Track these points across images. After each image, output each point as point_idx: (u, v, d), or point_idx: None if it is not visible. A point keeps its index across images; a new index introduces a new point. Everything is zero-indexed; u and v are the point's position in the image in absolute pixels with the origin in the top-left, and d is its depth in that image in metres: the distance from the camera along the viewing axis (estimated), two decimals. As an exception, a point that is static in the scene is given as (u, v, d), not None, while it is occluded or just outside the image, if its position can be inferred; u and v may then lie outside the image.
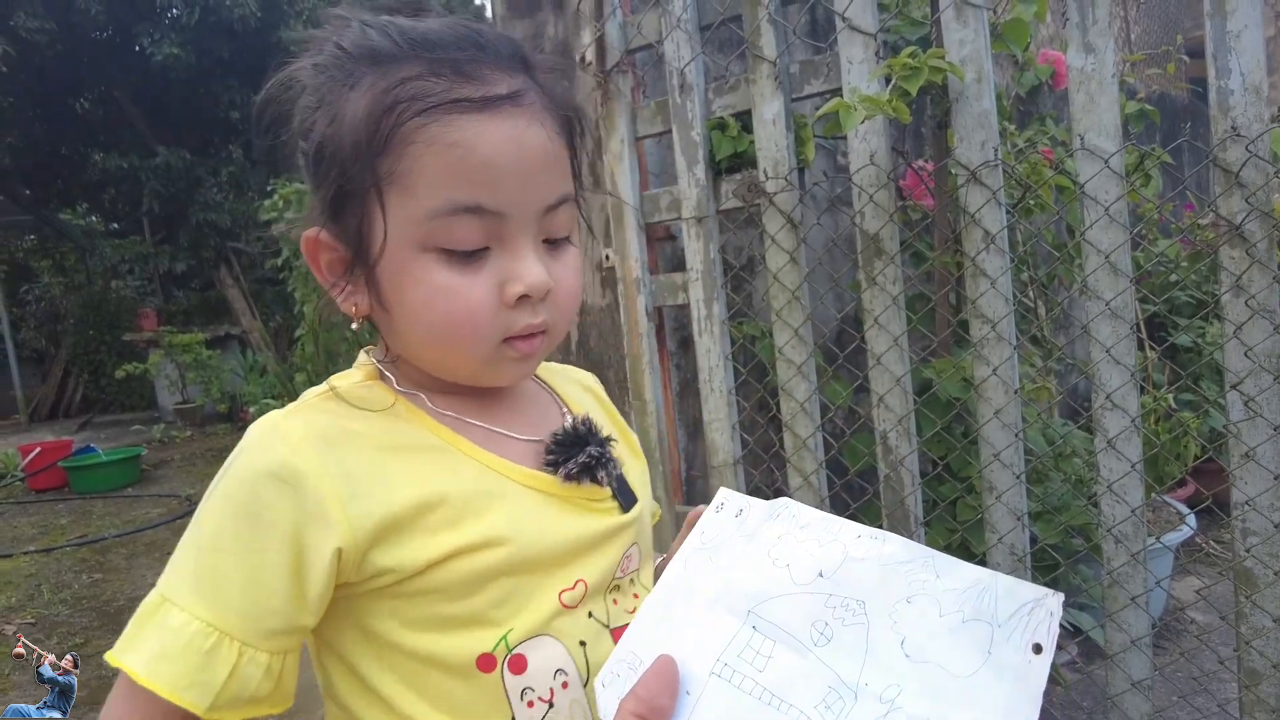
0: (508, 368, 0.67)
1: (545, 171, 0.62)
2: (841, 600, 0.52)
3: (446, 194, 0.59)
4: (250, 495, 0.61)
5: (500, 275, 0.62)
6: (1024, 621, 0.48)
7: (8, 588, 4.45)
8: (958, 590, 0.50)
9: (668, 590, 0.59)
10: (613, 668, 0.56)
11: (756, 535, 0.58)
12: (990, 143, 1.43)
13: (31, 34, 8.73)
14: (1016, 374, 1.49)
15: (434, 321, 0.62)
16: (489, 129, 0.59)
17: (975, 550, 1.64)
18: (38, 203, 12.31)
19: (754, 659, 0.52)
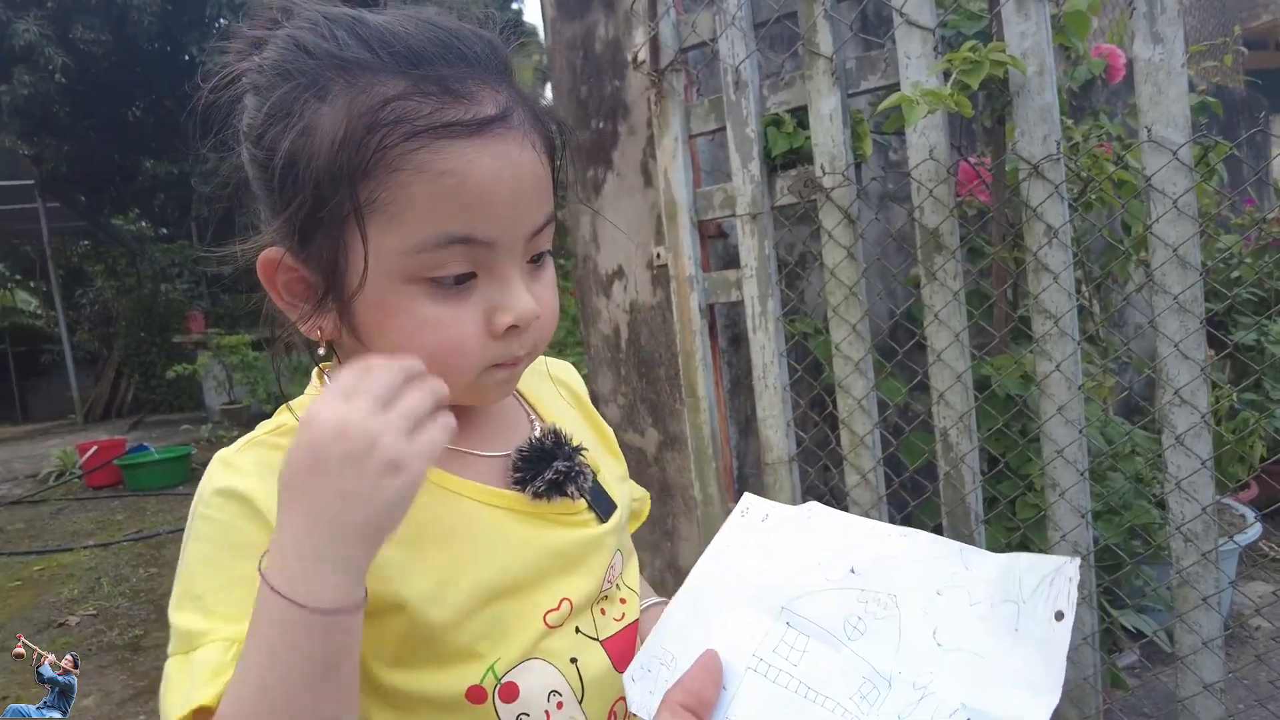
0: (492, 391, 0.65)
1: (535, 195, 0.60)
2: (874, 595, 0.54)
3: (438, 226, 0.56)
4: (220, 525, 0.59)
5: (487, 304, 0.59)
6: (1045, 592, 0.51)
7: (70, 580, 4.60)
8: (988, 579, 0.52)
9: (695, 589, 0.61)
10: (643, 662, 0.57)
11: (787, 536, 0.61)
12: (1053, 136, 1.42)
13: (88, 45, 9.00)
14: (1079, 369, 1.47)
15: (418, 354, 0.58)
16: (482, 156, 0.55)
17: (1036, 549, 1.62)
18: (92, 209, 12.69)
19: (789, 654, 0.54)
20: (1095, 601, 1.50)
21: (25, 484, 7.73)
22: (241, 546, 0.58)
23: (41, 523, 6.13)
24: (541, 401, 0.78)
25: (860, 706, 0.51)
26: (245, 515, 0.59)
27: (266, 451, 0.62)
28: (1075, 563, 0.50)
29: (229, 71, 0.60)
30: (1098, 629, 1.51)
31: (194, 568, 0.59)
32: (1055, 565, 0.51)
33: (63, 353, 12.47)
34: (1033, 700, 0.48)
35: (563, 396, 0.82)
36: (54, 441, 9.69)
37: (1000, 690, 0.49)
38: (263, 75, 0.58)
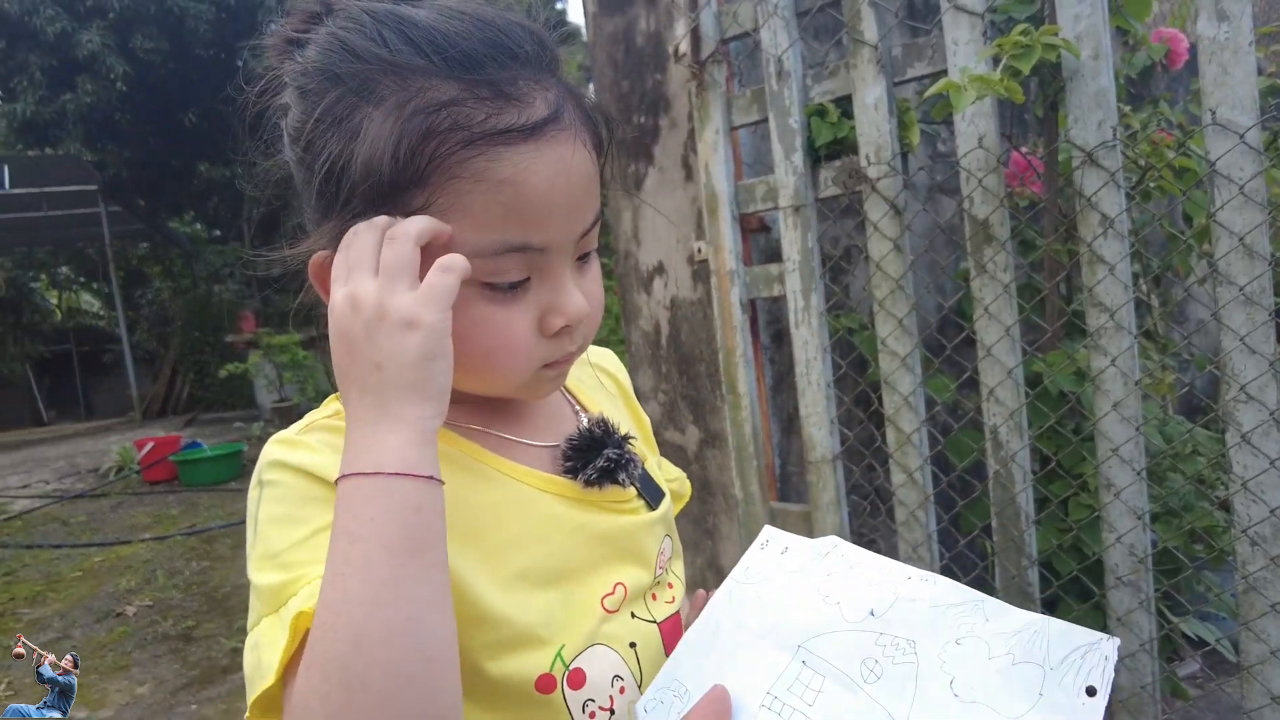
0: (543, 387, 0.65)
1: (586, 197, 0.60)
2: (892, 639, 0.53)
3: (494, 234, 0.55)
4: (291, 488, 0.57)
5: (540, 306, 0.60)
6: (1077, 665, 0.49)
7: (128, 572, 4.74)
8: (1007, 634, 0.51)
9: (713, 621, 0.60)
10: (656, 694, 0.56)
11: (805, 572, 0.60)
12: (1109, 122, 1.36)
13: (147, 54, 9.29)
14: (1136, 365, 1.41)
15: (473, 353, 0.59)
16: (538, 163, 0.55)
17: (1089, 551, 1.56)
18: (150, 212, 13.10)
19: (804, 693, 0.53)
20: (1153, 607, 1.44)
21: (88, 479, 8.00)
22: (317, 501, 0.57)
23: (102, 516, 6.34)
24: (584, 390, 0.78)
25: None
26: (315, 483, 0.58)
27: (327, 434, 0.61)
28: (1114, 643, 0.49)
29: (273, 75, 0.60)
30: (1156, 636, 1.45)
31: (268, 530, 0.57)
32: (1090, 640, 0.49)
33: (123, 352, 12.88)
34: None
35: (605, 385, 0.82)
36: (114, 438, 10.01)
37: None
38: (308, 78, 0.57)
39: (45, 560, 5.13)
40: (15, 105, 9.74)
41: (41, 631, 3.91)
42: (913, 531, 1.66)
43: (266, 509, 0.58)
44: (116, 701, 3.13)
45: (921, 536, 1.65)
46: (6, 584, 4.71)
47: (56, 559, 5.14)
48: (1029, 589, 1.54)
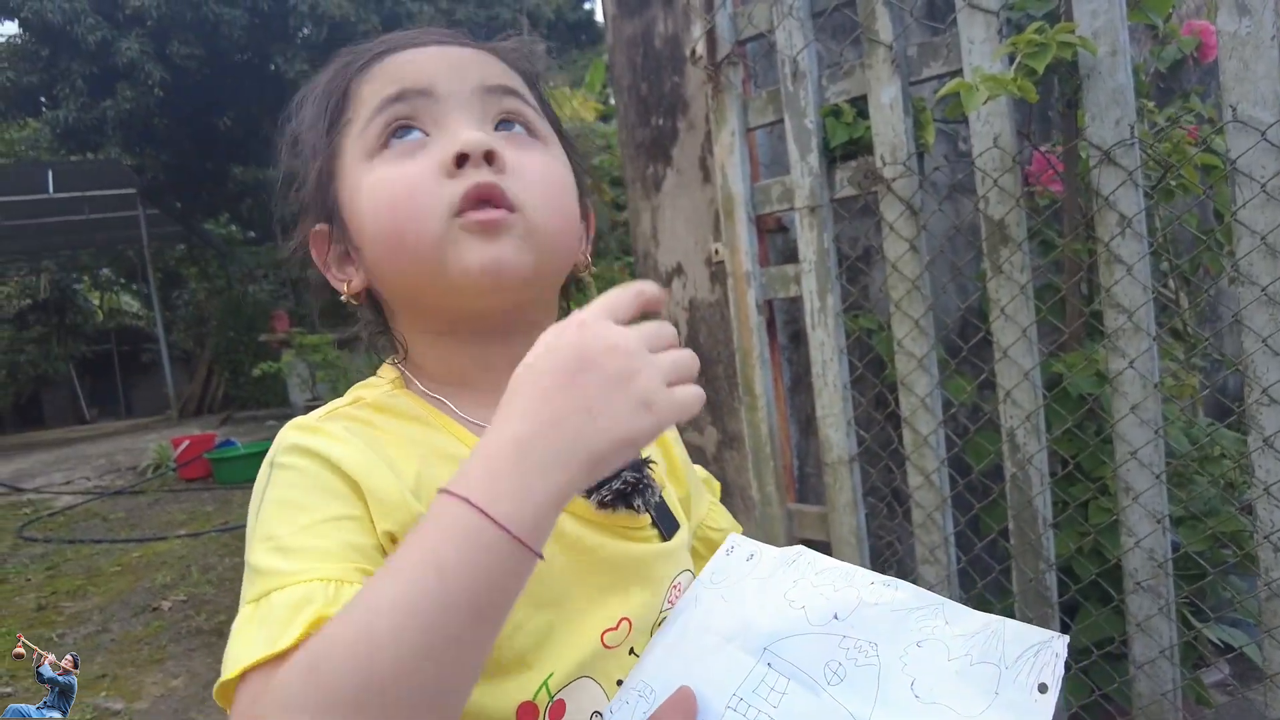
0: (467, 248, 0.58)
1: (477, 63, 0.64)
2: (855, 642, 0.55)
3: (377, 102, 0.62)
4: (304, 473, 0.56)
5: (440, 153, 0.59)
6: (1030, 663, 0.51)
7: (164, 567, 4.85)
8: (966, 635, 0.52)
9: (680, 625, 0.61)
10: (623, 696, 0.57)
11: (772, 578, 0.61)
12: (1126, 120, 1.34)
13: (184, 60, 9.47)
14: (1156, 367, 1.39)
15: (380, 215, 0.60)
16: (411, 51, 0.64)
17: (1109, 555, 1.54)
18: (186, 215, 13.36)
19: (769, 695, 0.54)
20: (1173, 613, 1.42)
21: (126, 475, 8.19)
22: (329, 491, 0.55)
23: (140, 512, 6.49)
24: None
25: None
26: (330, 471, 0.55)
27: (351, 423, 0.60)
28: (1063, 640, 0.51)
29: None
30: (1177, 642, 1.43)
31: (271, 511, 0.55)
32: (1042, 638, 0.51)
33: (160, 351, 13.16)
34: None
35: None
36: (152, 436, 10.24)
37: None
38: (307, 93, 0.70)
39: (86, 555, 5.27)
40: (58, 112, 9.98)
41: (82, 625, 4.01)
42: (930, 534, 1.65)
43: (274, 492, 0.56)
44: (152, 694, 3.21)
45: (939, 539, 1.64)
46: (50, 578, 4.84)
47: (96, 554, 5.28)
48: (1047, 593, 1.53)
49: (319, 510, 0.54)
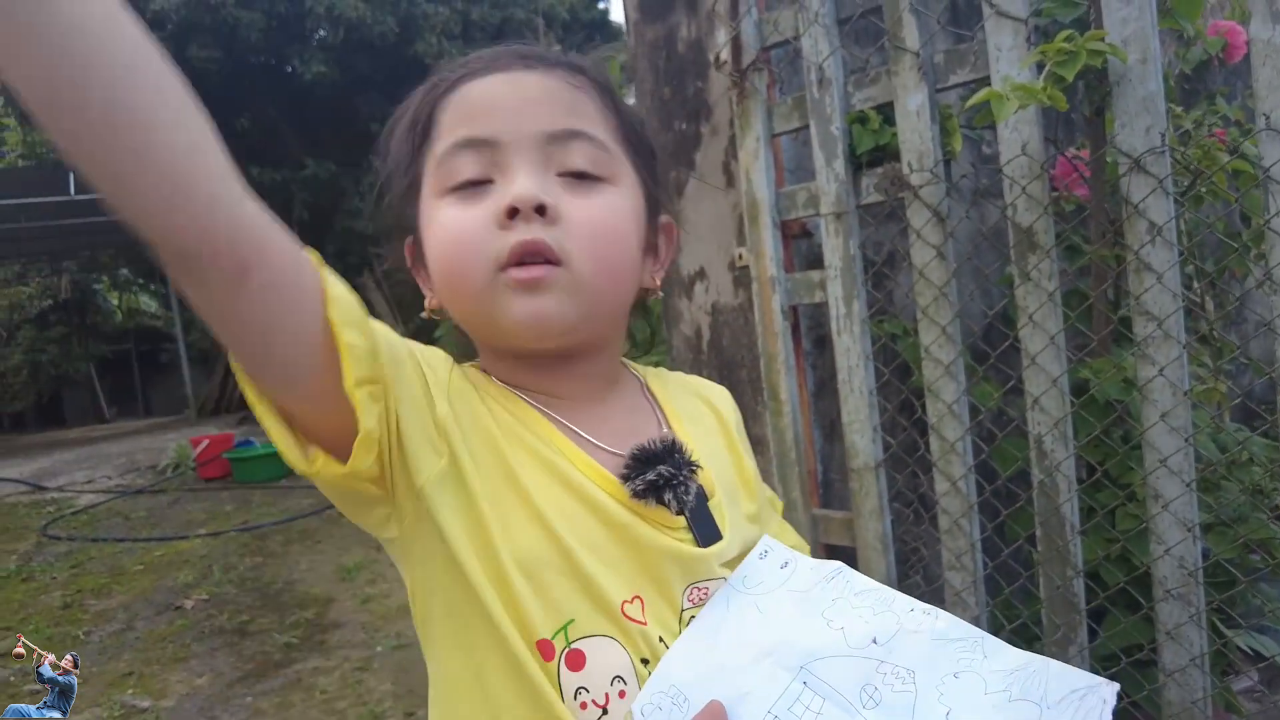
0: (510, 301, 0.62)
1: (547, 103, 0.65)
2: (892, 668, 0.55)
3: (449, 137, 0.65)
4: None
5: (494, 204, 0.62)
6: (1074, 706, 0.50)
7: (185, 566, 4.90)
8: (1005, 671, 0.52)
9: (711, 628, 0.60)
10: (652, 699, 0.57)
11: (809, 593, 0.60)
12: (1156, 128, 1.34)
13: (203, 63, 9.56)
14: (1186, 374, 1.39)
15: (441, 257, 0.65)
16: (489, 79, 0.65)
17: (1138, 562, 1.54)
18: (204, 215, 13.44)
19: (803, 713, 0.54)
20: (1204, 621, 1.41)
21: (146, 475, 8.28)
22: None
23: (160, 511, 6.56)
24: (678, 416, 0.77)
25: None
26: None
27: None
28: (1114, 687, 0.50)
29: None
30: (1207, 649, 1.42)
31: None
32: (1089, 683, 0.50)
33: (178, 352, 13.28)
34: None
35: (703, 417, 0.81)
36: (171, 436, 10.34)
37: None
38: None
39: (109, 553, 5.33)
40: (78, 114, 10.07)
41: (107, 623, 4.07)
42: (956, 540, 1.65)
43: None
44: (178, 692, 3.25)
45: (965, 545, 1.64)
46: (74, 575, 4.91)
47: (120, 552, 5.35)
48: (1074, 599, 1.53)
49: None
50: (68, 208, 11.44)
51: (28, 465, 9.56)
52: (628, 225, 0.68)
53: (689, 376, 0.85)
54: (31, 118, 0.43)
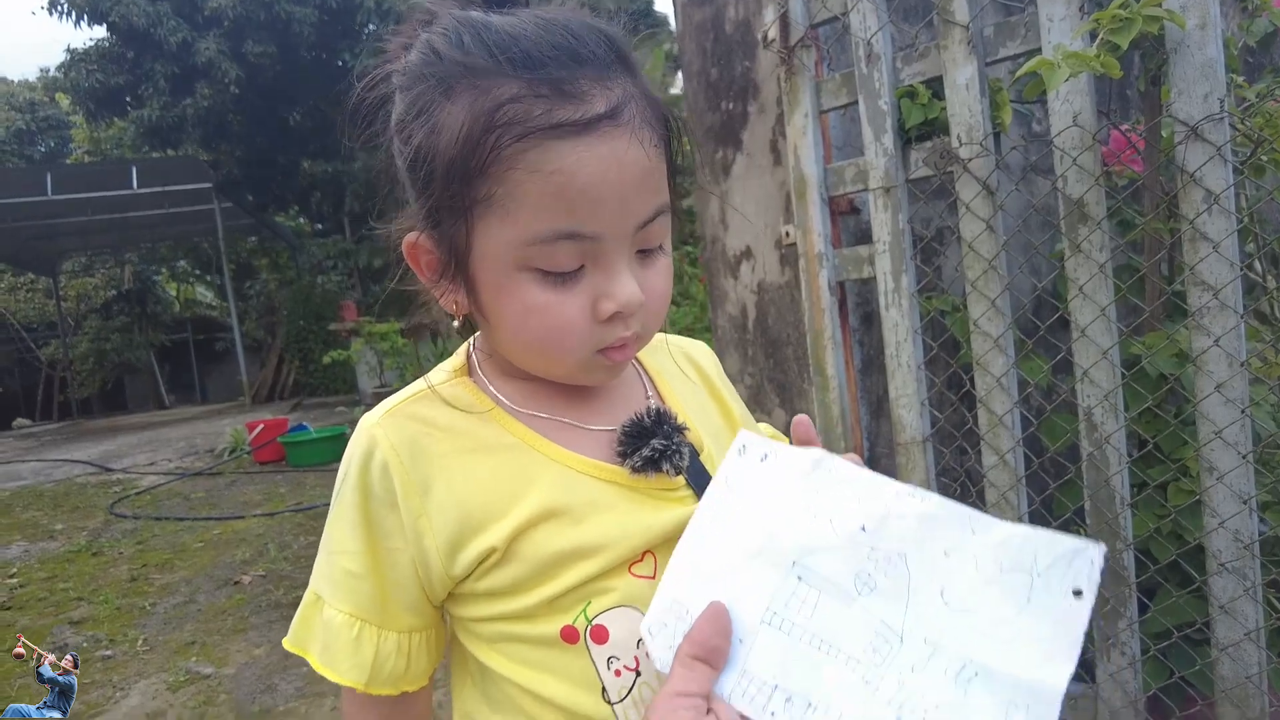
0: (599, 374, 0.69)
1: (642, 190, 0.62)
2: (884, 553, 0.55)
3: (546, 222, 0.59)
4: (365, 507, 0.69)
5: (594, 292, 0.63)
6: (1064, 570, 0.50)
7: (243, 545, 5.07)
8: (994, 544, 0.53)
9: (701, 537, 0.61)
10: (659, 617, 0.58)
11: (794, 487, 0.60)
12: (1215, 94, 1.32)
13: (258, 58, 9.81)
14: (1243, 345, 1.37)
15: (529, 336, 0.64)
16: (589, 155, 0.58)
17: (1189, 537, 1.52)
18: (258, 208, 13.82)
19: (801, 608, 0.55)
20: (1259, 595, 1.40)
21: (204, 458, 8.56)
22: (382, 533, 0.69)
23: (218, 492, 6.78)
24: (662, 376, 0.81)
25: (873, 659, 0.53)
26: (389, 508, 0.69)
27: (405, 424, 0.70)
28: (1100, 547, 0.50)
29: (379, 72, 0.66)
30: (1264, 625, 1.41)
31: (344, 538, 0.70)
32: (1075, 546, 0.51)
33: (233, 340, 13.65)
34: (1045, 665, 0.49)
35: (688, 374, 0.84)
36: (227, 421, 10.65)
37: (1010, 652, 0.50)
38: (405, 76, 0.64)
39: (171, 531, 5.54)
40: (142, 111, 10.44)
41: (170, 596, 4.24)
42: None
43: (338, 511, 0.73)
44: (237, 661, 3.38)
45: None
46: (139, 551, 5.12)
47: (181, 530, 5.55)
48: (1124, 572, 1.52)
49: (367, 558, 0.69)
50: (130, 201, 11.87)
51: (95, 448, 9.95)
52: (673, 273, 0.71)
53: (671, 336, 0.88)
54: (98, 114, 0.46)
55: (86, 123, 13.14)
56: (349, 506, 0.69)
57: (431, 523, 0.67)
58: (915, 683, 0.51)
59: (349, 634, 0.69)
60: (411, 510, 0.67)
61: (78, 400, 16.22)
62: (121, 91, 10.68)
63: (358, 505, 0.69)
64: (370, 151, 0.70)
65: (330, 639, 0.69)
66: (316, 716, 2.88)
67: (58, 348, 16.16)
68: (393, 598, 0.69)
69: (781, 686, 0.53)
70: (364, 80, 0.67)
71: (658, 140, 0.63)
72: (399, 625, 0.70)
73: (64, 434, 12.37)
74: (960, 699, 0.50)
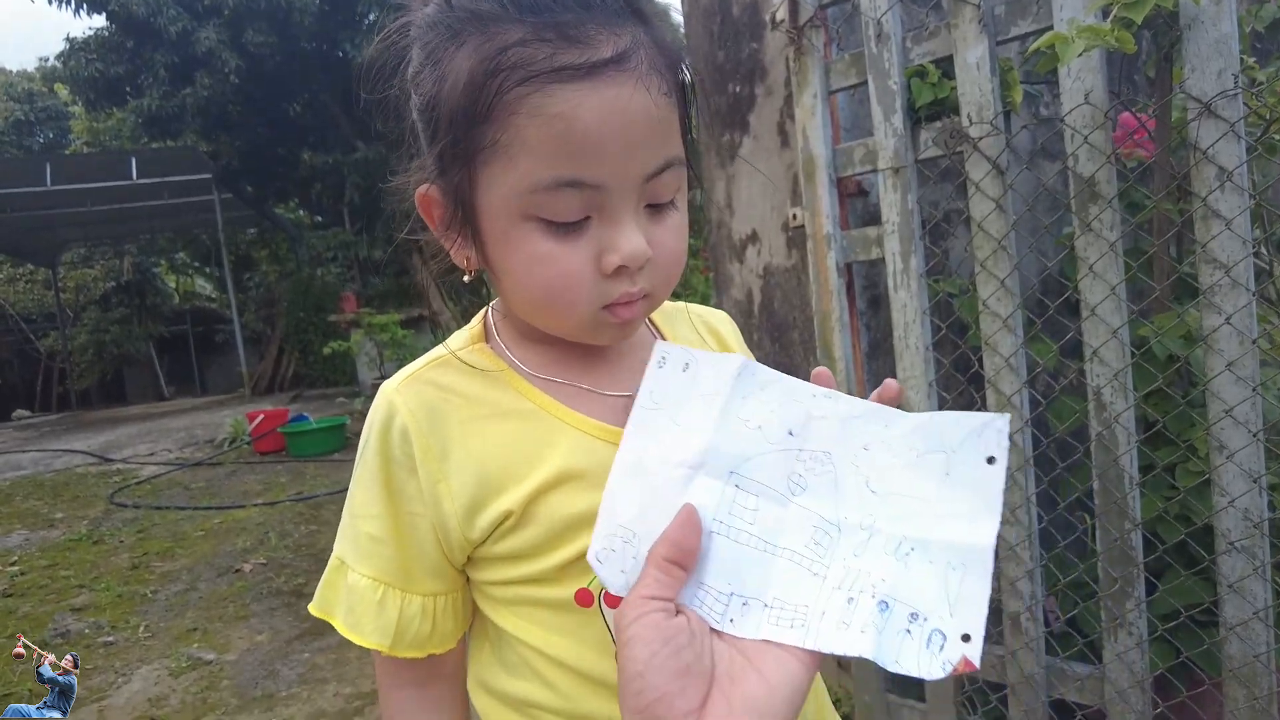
0: (607, 332, 0.67)
1: (649, 139, 0.60)
2: (810, 453, 0.59)
3: (548, 168, 0.58)
4: (385, 472, 0.69)
5: (599, 245, 0.61)
6: (975, 443, 0.55)
7: (243, 533, 5.07)
8: (908, 432, 0.58)
9: (634, 455, 0.61)
10: (605, 543, 0.59)
11: (719, 396, 0.61)
12: (1229, 70, 1.32)
13: (258, 48, 9.77)
14: (1255, 323, 1.36)
15: (533, 287, 0.63)
16: (591, 99, 0.56)
17: (1197, 518, 1.52)
18: (258, 199, 13.78)
19: (743, 514, 0.58)
20: (1268, 573, 1.40)
21: (204, 448, 8.56)
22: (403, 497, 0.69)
23: (219, 482, 6.78)
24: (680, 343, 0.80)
25: (816, 552, 0.56)
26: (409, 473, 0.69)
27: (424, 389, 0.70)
28: (1005, 417, 0.55)
29: (397, 24, 0.65)
30: (1271, 604, 1.41)
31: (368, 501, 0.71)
32: (984, 420, 0.56)
33: (233, 332, 13.64)
34: (972, 527, 0.53)
35: (707, 342, 0.84)
36: (227, 412, 10.65)
37: (939, 523, 0.54)
38: (419, 28, 0.63)
39: (172, 520, 5.54)
40: (142, 101, 10.39)
41: (172, 583, 4.24)
42: (1011, 494, 1.65)
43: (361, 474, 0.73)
44: (239, 647, 3.38)
45: (1020, 499, 1.64)
46: (140, 540, 5.12)
47: (181, 519, 5.55)
48: (1132, 552, 1.52)
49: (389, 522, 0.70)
50: (130, 192, 11.83)
51: (95, 439, 9.94)
52: (688, 232, 0.70)
53: (691, 305, 0.88)
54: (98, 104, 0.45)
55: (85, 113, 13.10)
56: (370, 471, 0.70)
57: (450, 487, 0.67)
58: (859, 564, 0.55)
59: (373, 597, 0.69)
60: (430, 475, 0.67)
61: (77, 392, 16.21)
62: (121, 81, 10.64)
63: (378, 470, 0.69)
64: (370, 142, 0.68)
65: (355, 603, 0.70)
66: (319, 702, 2.88)
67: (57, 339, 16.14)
68: (415, 562, 0.69)
69: (737, 593, 0.56)
70: (382, 34, 0.66)
71: (668, 89, 0.61)
72: (423, 589, 0.70)
73: (63, 425, 12.36)
74: (902, 570, 0.54)
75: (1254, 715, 1.43)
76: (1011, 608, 1.68)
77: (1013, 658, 1.70)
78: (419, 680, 0.74)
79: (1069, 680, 1.66)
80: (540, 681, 0.69)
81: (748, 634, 0.54)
